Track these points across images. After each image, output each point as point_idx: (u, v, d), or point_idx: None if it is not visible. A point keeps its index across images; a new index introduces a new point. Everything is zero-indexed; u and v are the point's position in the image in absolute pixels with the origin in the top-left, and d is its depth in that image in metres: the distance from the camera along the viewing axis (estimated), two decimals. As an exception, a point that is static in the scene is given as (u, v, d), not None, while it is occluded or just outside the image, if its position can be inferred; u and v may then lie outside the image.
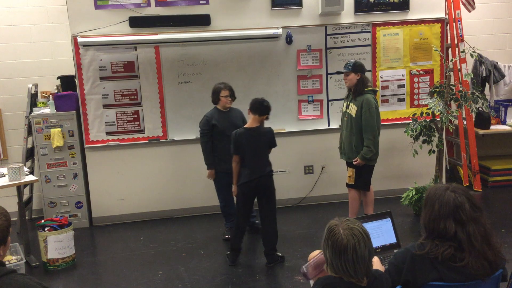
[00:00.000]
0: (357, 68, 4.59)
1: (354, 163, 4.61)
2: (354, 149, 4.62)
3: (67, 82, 5.62)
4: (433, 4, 5.78)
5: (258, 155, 4.29)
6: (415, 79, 5.87)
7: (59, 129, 5.40)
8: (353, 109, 4.60)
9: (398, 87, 5.89)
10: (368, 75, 5.75)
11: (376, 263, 2.29)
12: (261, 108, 4.29)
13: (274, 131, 4.43)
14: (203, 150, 4.87)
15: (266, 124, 4.47)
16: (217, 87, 4.84)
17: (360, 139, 4.58)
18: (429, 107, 5.11)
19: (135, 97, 5.53)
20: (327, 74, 5.74)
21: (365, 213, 4.83)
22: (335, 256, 2.01)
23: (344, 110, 4.76)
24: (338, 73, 5.00)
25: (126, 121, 5.56)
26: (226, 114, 4.84)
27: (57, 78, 5.68)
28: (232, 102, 4.88)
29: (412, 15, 5.76)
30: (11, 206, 4.82)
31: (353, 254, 1.98)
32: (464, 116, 6.02)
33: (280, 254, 4.43)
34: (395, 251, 2.59)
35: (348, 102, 4.70)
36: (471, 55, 5.28)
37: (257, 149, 4.28)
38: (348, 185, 4.80)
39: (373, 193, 4.87)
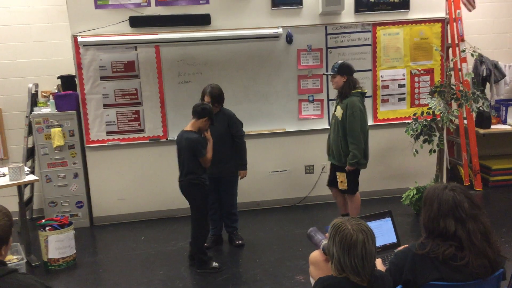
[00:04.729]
0: (343, 70, 4.43)
1: (346, 169, 4.49)
2: (343, 153, 4.49)
3: (67, 81, 5.62)
4: (433, 3, 5.77)
5: (181, 159, 4.23)
6: (416, 79, 5.87)
7: (60, 128, 5.40)
8: (339, 112, 4.48)
9: (398, 87, 5.88)
10: (368, 74, 5.78)
11: (378, 264, 2.29)
12: (197, 111, 4.17)
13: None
14: None
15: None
16: (204, 88, 4.57)
17: (347, 143, 4.44)
18: (429, 106, 5.11)
19: (136, 96, 5.53)
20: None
21: None
22: (343, 252, 2.00)
23: (334, 112, 4.64)
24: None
25: (127, 121, 5.56)
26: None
27: (58, 78, 5.68)
28: (218, 108, 4.54)
29: (412, 15, 5.76)
30: (12, 205, 4.79)
31: (362, 249, 1.98)
32: (464, 115, 6.01)
33: (215, 264, 4.29)
34: (396, 250, 2.59)
35: (336, 105, 4.60)
36: (472, 55, 5.27)
37: (180, 152, 4.22)
38: (342, 191, 4.66)
39: (359, 198, 4.70)
